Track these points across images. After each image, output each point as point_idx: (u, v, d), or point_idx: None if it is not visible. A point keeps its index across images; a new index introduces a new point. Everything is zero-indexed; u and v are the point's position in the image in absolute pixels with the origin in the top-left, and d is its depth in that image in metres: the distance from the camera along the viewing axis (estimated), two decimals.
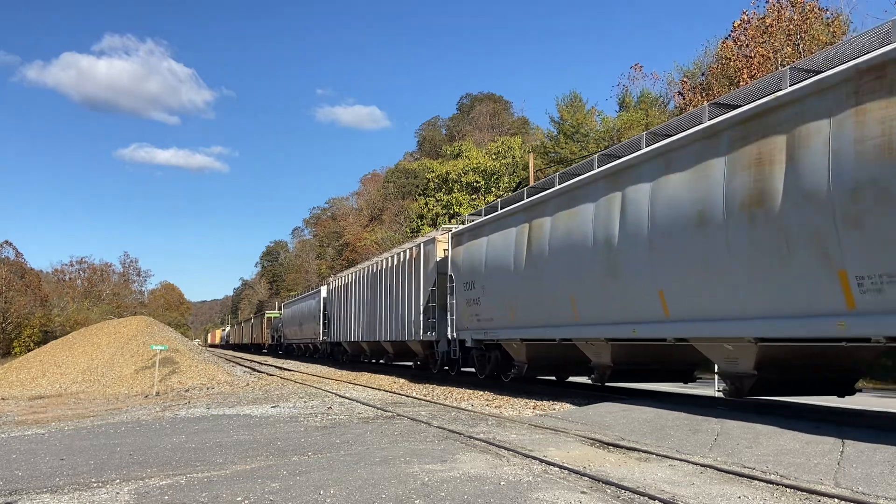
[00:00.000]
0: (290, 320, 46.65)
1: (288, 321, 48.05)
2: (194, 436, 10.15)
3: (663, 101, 41.79)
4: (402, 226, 58.50)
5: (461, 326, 17.48)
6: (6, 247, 65.18)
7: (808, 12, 25.32)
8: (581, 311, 12.08)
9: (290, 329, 46.93)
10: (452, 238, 18.41)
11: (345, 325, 29.81)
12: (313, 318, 37.31)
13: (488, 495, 5.78)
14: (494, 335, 15.63)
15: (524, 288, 13.97)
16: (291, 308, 47.07)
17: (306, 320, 40.10)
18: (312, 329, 37.73)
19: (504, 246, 14.82)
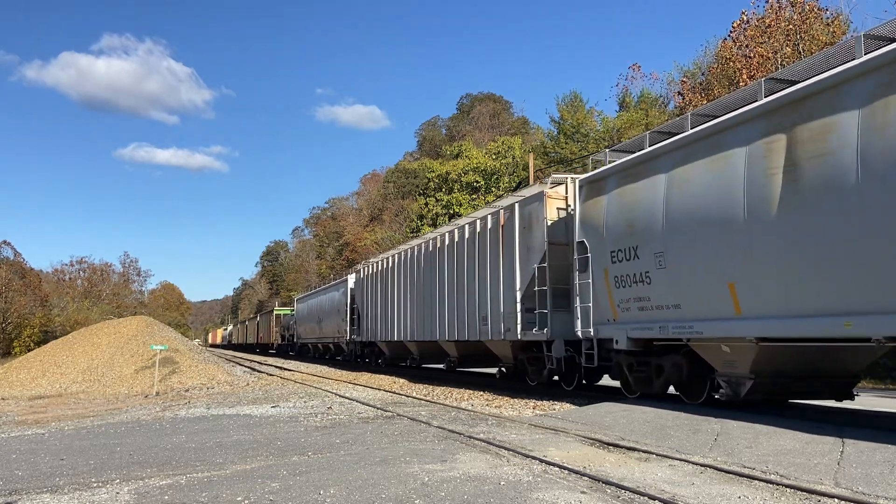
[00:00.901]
0: (306, 317, 41.23)
1: (303, 318, 42.48)
2: (194, 436, 10.15)
3: (663, 101, 41.82)
4: (402, 226, 58.49)
5: (601, 319, 11.96)
6: (5, 247, 65.24)
7: (808, 12, 25.32)
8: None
9: (305, 327, 41.75)
10: (585, 187, 12.57)
11: (382, 320, 24.46)
12: (337, 313, 32.49)
13: (488, 495, 5.78)
14: (683, 331, 9.97)
15: (774, 249, 8.31)
16: (308, 302, 41.42)
17: (327, 316, 34.95)
18: (336, 326, 32.69)
19: (716, 183, 9.19)
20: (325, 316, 35.23)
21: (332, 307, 33.69)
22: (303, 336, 42.59)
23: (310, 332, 39.96)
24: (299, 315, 44.09)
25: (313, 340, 39.45)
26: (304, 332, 42.35)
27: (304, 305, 42.36)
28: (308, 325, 40.59)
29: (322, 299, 36.50)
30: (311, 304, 40.08)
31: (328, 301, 34.81)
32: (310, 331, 39.90)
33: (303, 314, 42.70)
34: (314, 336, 38.68)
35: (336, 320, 32.48)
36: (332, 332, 33.82)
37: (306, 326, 41.23)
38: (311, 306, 39.96)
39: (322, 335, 36.43)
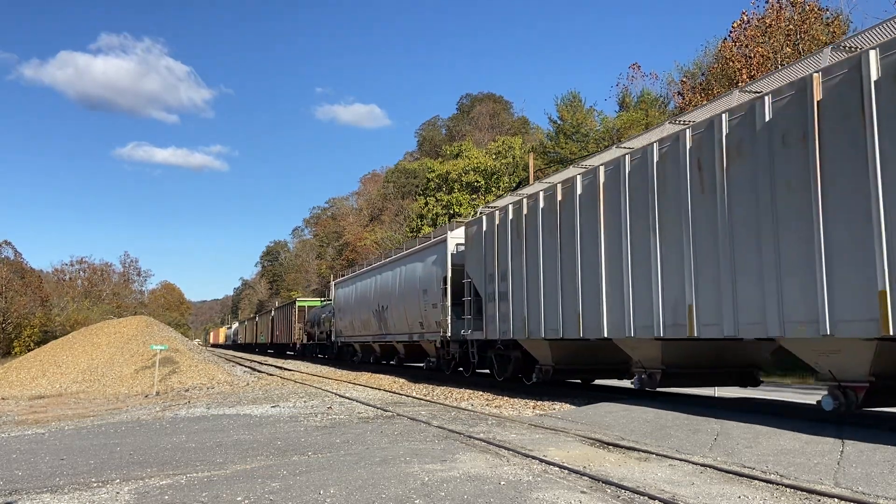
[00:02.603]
0: (355, 306, 29.33)
1: (348, 307, 30.62)
2: (194, 435, 10.15)
3: (663, 101, 41.84)
4: (402, 226, 58.51)
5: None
6: (5, 247, 65.18)
7: (808, 12, 25.34)
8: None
9: (351, 320, 30.00)
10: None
11: (551, 303, 13.18)
12: (421, 295, 20.65)
13: (488, 495, 5.78)
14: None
15: None
16: (356, 285, 29.41)
17: (400, 302, 22.94)
18: (420, 316, 20.85)
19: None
20: (396, 302, 23.54)
21: (409, 287, 22.07)
22: (346, 333, 31.14)
23: (361, 328, 28.53)
24: (342, 304, 31.92)
25: (367, 338, 27.89)
26: (348, 326, 30.80)
27: (350, 290, 30.59)
28: (357, 316, 29.01)
29: (387, 277, 24.86)
30: (363, 287, 28.09)
31: (405, 278, 22.70)
32: (361, 325, 28.45)
33: (347, 302, 30.79)
34: (369, 333, 27.27)
35: (420, 306, 20.84)
36: (409, 325, 22.21)
37: (353, 319, 29.62)
38: (363, 290, 28.06)
39: (386, 331, 24.86)
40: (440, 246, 19.68)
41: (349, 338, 31.06)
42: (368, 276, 27.71)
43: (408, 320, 22.25)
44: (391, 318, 24.06)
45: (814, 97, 7.76)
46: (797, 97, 8.00)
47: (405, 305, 22.39)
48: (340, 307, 32.38)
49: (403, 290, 22.72)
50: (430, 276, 20.05)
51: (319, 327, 38.49)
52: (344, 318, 31.62)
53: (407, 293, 22.32)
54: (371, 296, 26.66)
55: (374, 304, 25.84)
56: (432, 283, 19.79)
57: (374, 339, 26.97)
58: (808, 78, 7.89)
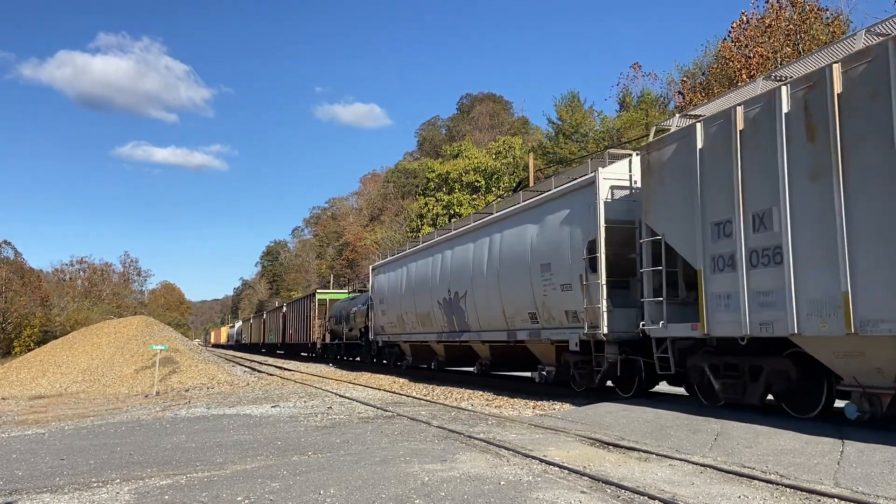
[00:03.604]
0: (405, 295, 22.11)
1: (393, 298, 23.28)
2: (194, 435, 10.15)
3: (664, 101, 41.86)
4: (402, 226, 58.53)
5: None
6: (5, 247, 65.22)
7: (808, 12, 25.35)
8: None
9: (397, 314, 22.85)
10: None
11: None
12: (539, 272, 13.84)
13: (488, 495, 5.79)
14: None
15: None
16: (409, 267, 22.12)
17: (491, 285, 16.04)
18: (532, 306, 14.20)
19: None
20: (483, 284, 16.34)
21: (512, 261, 15.02)
22: (389, 330, 24.14)
23: (416, 324, 21.24)
24: (385, 293, 24.30)
25: (425, 337, 20.81)
26: (394, 322, 23.35)
27: (397, 275, 23.14)
28: (408, 308, 21.74)
29: (464, 252, 17.64)
30: (420, 270, 21.01)
31: (499, 249, 15.76)
32: (416, 320, 21.09)
33: (393, 291, 23.31)
34: (429, 330, 20.26)
35: (533, 289, 14.00)
36: (507, 317, 15.29)
37: (403, 312, 22.32)
38: (420, 274, 20.92)
39: (461, 327, 17.78)
40: (581, 193, 12.58)
41: (395, 336, 23.70)
42: (428, 255, 20.38)
43: (506, 311, 15.24)
44: (472, 308, 16.93)
45: None
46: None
47: (503, 289, 15.29)
48: (383, 297, 24.57)
49: (499, 268, 15.45)
50: (559, 242, 13.12)
51: (348, 324, 31.16)
52: (388, 312, 23.89)
53: (507, 271, 15.10)
54: (434, 280, 19.45)
55: (441, 291, 18.83)
56: (563, 252, 12.95)
57: (438, 338, 19.61)
58: None
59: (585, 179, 12.55)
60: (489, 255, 16.18)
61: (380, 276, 25.67)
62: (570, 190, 13.13)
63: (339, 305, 34.76)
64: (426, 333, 20.66)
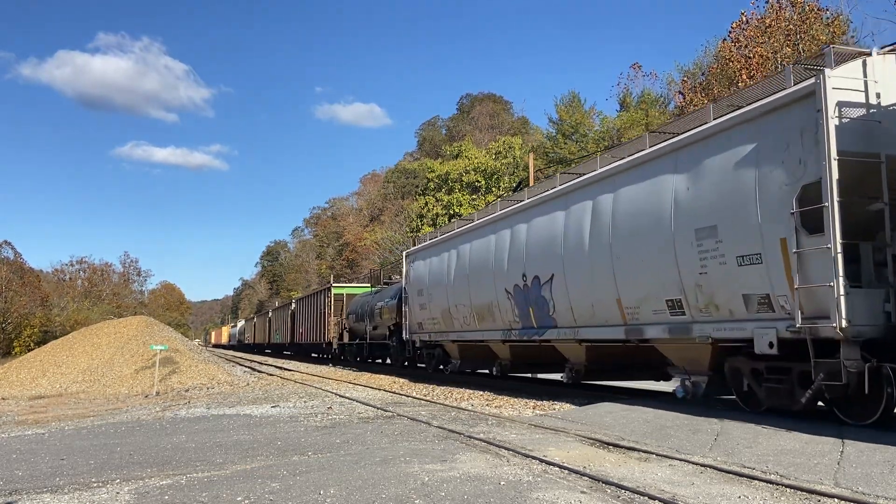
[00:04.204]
0: (454, 284, 18.10)
1: (436, 288, 19.30)
2: (194, 436, 10.15)
3: (664, 101, 41.88)
4: (402, 226, 58.53)
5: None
6: (5, 247, 65.23)
7: (808, 12, 25.35)
8: None
9: (442, 307, 18.84)
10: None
11: None
12: (691, 240, 9.57)
13: (488, 495, 5.79)
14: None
15: None
16: (459, 250, 18.05)
17: (602, 262, 11.63)
18: (673, 289, 10.06)
19: None
20: (589, 260, 12.07)
21: (640, 226, 10.75)
22: (430, 327, 20.02)
23: (469, 319, 17.28)
24: (425, 283, 20.10)
25: (485, 336, 16.68)
26: (437, 318, 19.24)
27: (442, 259, 18.99)
28: (458, 299, 17.75)
29: (551, 222, 13.58)
30: (476, 251, 17.00)
31: (619, 211, 11.34)
32: (470, 314, 17.17)
33: (437, 279, 19.22)
34: (490, 326, 16.28)
35: (679, 264, 9.95)
36: (624, 307, 11.27)
37: (451, 304, 18.19)
38: (476, 256, 16.93)
39: (541, 322, 14.03)
40: (781, 116, 8.62)
41: (438, 335, 19.41)
42: (489, 232, 16.09)
43: (623, 300, 11.17)
44: (562, 297, 12.90)
45: None
46: None
47: (619, 269, 11.17)
48: (421, 288, 20.25)
49: (612, 240, 11.33)
50: (735, 193, 9.08)
51: (372, 321, 26.91)
52: (428, 306, 19.71)
53: (628, 243, 10.99)
54: (500, 262, 15.25)
55: (511, 276, 14.65)
56: (742, 206, 8.95)
57: (505, 337, 15.45)
58: None
59: (795, 92, 8.35)
60: (594, 224, 11.77)
61: (417, 262, 20.98)
62: (757, 114, 8.86)
63: (359, 300, 30.32)
64: (485, 331, 16.42)
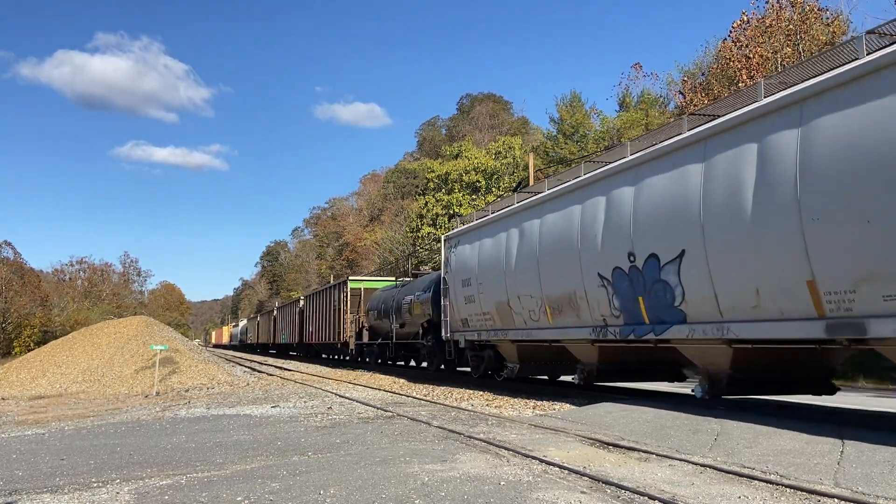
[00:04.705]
0: (515, 271, 14.45)
1: (487, 277, 15.75)
2: (194, 436, 10.15)
3: (664, 102, 41.87)
4: (402, 226, 58.52)
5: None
6: (5, 247, 65.26)
7: (808, 12, 25.34)
8: None
9: (496, 299, 15.40)
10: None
11: None
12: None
13: (488, 495, 5.79)
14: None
15: None
16: (524, 227, 14.18)
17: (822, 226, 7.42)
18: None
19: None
20: (773, 226, 8.14)
21: (862, 174, 6.96)
22: (477, 324, 16.69)
23: (536, 313, 13.90)
24: (472, 271, 16.67)
25: (568, 333, 12.91)
26: (488, 313, 16.02)
27: (497, 241, 15.53)
28: (522, 290, 14.26)
29: (684, 178, 9.65)
30: (551, 228, 13.19)
31: (824, 149, 7.40)
32: (544, 308, 13.49)
33: (487, 265, 15.91)
34: (582, 321, 12.38)
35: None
36: (831, 295, 7.47)
37: (506, 297, 15.01)
38: (555, 230, 13.04)
39: (661, 312, 10.22)
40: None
41: (490, 333, 15.97)
42: (570, 202, 12.58)
43: (818, 279, 7.69)
44: (695, 280, 9.50)
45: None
46: None
47: (813, 234, 7.68)
48: (468, 278, 16.82)
49: (801, 195, 7.78)
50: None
51: (399, 318, 23.50)
52: (478, 298, 16.22)
53: (832, 203, 7.42)
54: (590, 240, 11.82)
55: (608, 256, 11.33)
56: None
57: (598, 335, 11.87)
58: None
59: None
60: (762, 175, 8.38)
61: (462, 247, 17.43)
62: None
63: (381, 295, 27.15)
64: (564, 329, 12.93)
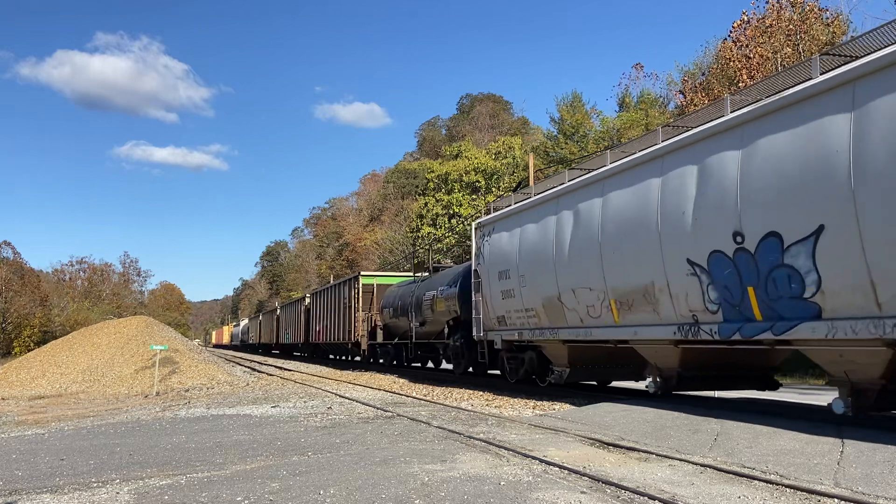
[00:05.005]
0: (566, 262, 12.35)
1: (541, 267, 13.23)
2: (194, 436, 10.15)
3: (663, 102, 41.86)
4: (402, 226, 58.52)
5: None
6: (5, 247, 65.31)
7: (808, 12, 25.34)
8: None
9: (546, 293, 13.13)
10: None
11: None
12: None
13: (488, 495, 5.78)
14: None
15: None
16: (576, 209, 12.10)
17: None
18: None
19: None
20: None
21: None
22: (516, 322, 14.75)
23: (602, 307, 11.56)
24: (511, 260, 14.54)
25: (644, 331, 10.70)
26: (531, 309, 13.92)
27: (543, 226, 13.35)
28: (578, 281, 12.09)
29: None
30: (632, 200, 10.67)
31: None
32: (605, 302, 11.45)
33: (530, 254, 13.75)
34: (663, 318, 10.21)
35: None
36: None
37: (556, 291, 12.81)
38: (625, 208, 10.82)
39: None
40: None
41: (536, 332, 13.93)
42: (649, 173, 10.43)
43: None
44: (853, 258, 7.21)
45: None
46: None
47: None
48: (506, 269, 14.75)
49: None
50: None
51: (419, 315, 21.56)
52: (517, 292, 14.38)
53: None
54: (675, 217, 9.79)
55: (703, 238, 9.32)
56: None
57: (683, 335, 9.87)
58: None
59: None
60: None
61: (498, 235, 15.39)
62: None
63: (397, 291, 25.16)
64: (635, 327, 10.84)
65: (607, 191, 11.38)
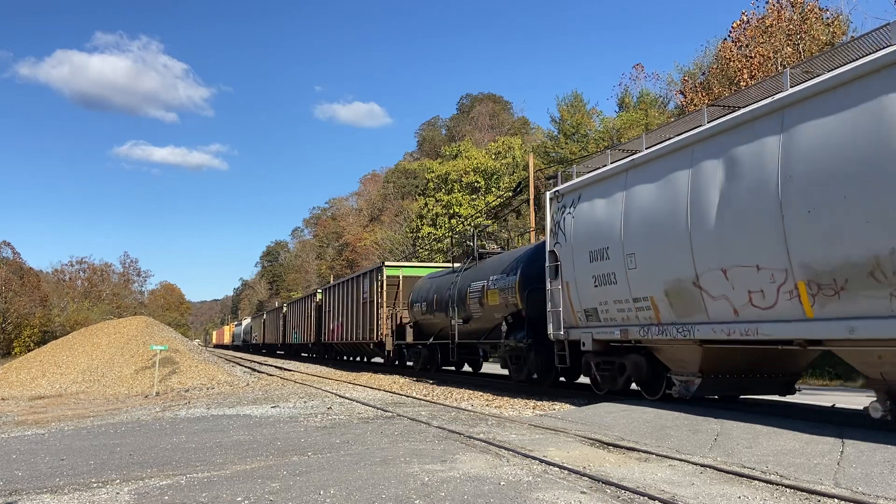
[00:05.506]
0: (714, 230, 9.02)
1: (659, 244, 10.07)
2: (194, 436, 10.15)
3: (663, 102, 41.87)
4: (402, 226, 58.53)
5: None
6: (5, 247, 65.34)
7: (808, 12, 25.35)
8: None
9: (669, 276, 9.89)
10: None
11: None
12: None
13: (488, 495, 5.78)
14: None
15: None
16: (729, 154, 8.77)
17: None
18: None
19: None
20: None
21: None
22: (613, 317, 11.46)
23: (830, 288, 7.50)
24: (608, 237, 11.31)
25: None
26: (641, 300, 10.65)
27: (665, 186, 10.04)
28: (737, 258, 8.73)
29: None
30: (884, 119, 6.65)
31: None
32: (831, 281, 7.46)
33: (643, 226, 10.51)
34: None
35: None
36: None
37: (693, 273, 9.46)
38: (861, 135, 6.97)
39: None
40: None
41: (651, 329, 10.67)
42: (872, 91, 6.92)
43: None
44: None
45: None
46: None
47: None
48: (602, 247, 11.67)
49: None
50: None
51: (463, 311, 18.24)
52: (620, 277, 11.20)
53: None
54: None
55: None
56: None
57: None
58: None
59: None
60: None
61: (588, 204, 12.36)
62: None
63: (432, 283, 21.21)
64: (857, 320, 7.37)
65: (788, 124, 8.10)
